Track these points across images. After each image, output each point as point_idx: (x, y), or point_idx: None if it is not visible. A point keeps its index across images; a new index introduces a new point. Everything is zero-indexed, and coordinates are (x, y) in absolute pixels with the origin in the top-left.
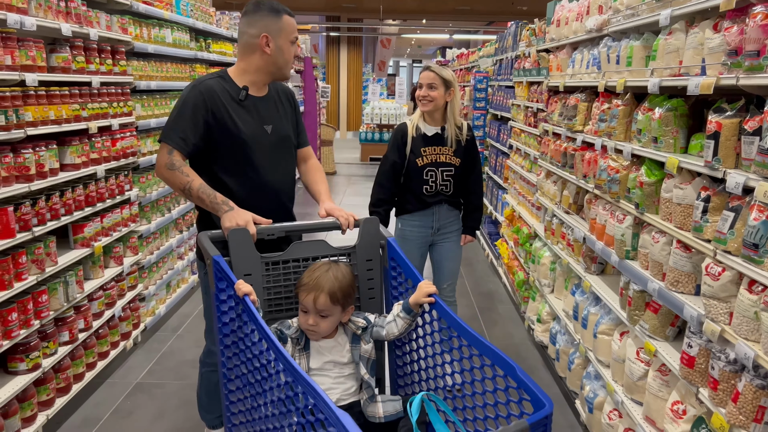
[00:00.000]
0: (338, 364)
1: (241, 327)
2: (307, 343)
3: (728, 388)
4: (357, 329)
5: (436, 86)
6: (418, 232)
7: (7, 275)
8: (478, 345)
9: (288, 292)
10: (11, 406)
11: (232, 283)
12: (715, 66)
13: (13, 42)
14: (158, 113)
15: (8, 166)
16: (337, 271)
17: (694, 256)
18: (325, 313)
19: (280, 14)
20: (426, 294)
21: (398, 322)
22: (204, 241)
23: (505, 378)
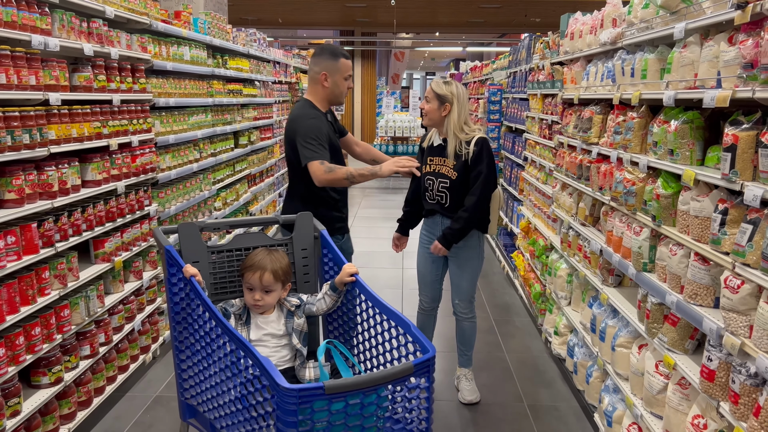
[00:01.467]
0: (275, 336)
1: (189, 304)
2: (248, 318)
3: (749, 402)
4: (291, 307)
5: (429, 100)
6: (427, 238)
7: (31, 290)
8: (384, 310)
9: (232, 277)
10: (34, 420)
11: (181, 268)
12: (731, 79)
13: (37, 62)
14: (177, 129)
15: (32, 183)
16: (275, 254)
17: (713, 269)
18: (270, 289)
19: (338, 57)
20: (348, 274)
21: (326, 299)
22: (157, 234)
23: (404, 335)
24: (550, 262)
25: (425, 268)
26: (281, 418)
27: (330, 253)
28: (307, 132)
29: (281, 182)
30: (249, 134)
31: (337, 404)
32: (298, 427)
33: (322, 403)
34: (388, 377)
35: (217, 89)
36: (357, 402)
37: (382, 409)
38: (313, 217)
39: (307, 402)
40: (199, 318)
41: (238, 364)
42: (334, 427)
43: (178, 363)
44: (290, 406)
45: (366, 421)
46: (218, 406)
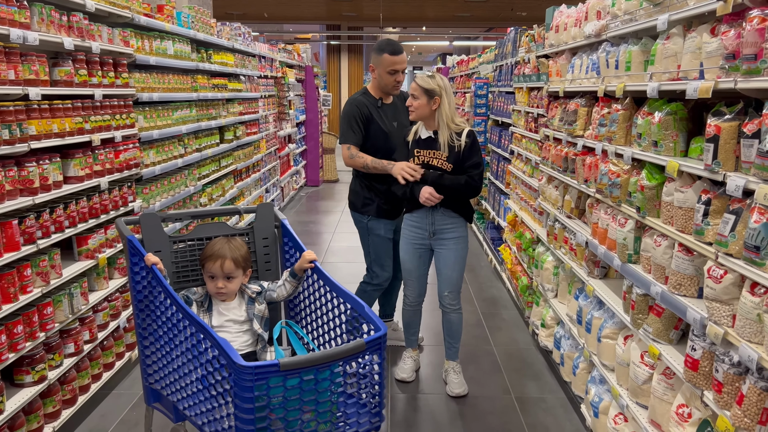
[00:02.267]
0: (236, 322)
1: (152, 292)
2: (210, 305)
3: (733, 391)
4: (252, 293)
5: (417, 96)
6: (413, 233)
7: (13, 288)
8: (340, 293)
9: (194, 266)
10: (18, 419)
11: (143, 257)
12: (713, 70)
13: (16, 57)
14: (160, 124)
15: (12, 179)
16: (234, 242)
17: (696, 259)
18: (231, 276)
19: (382, 52)
20: (307, 261)
21: (286, 286)
22: (119, 225)
23: (359, 316)
24: (537, 254)
25: (412, 263)
26: (238, 394)
27: (290, 241)
28: (342, 116)
29: (268, 177)
30: (234, 129)
31: (292, 380)
32: (255, 402)
33: (277, 380)
34: (340, 354)
35: (202, 84)
36: (311, 378)
37: (335, 385)
38: (274, 207)
39: (262, 379)
40: (161, 305)
41: (198, 346)
42: (290, 402)
43: (141, 349)
44: (246, 383)
45: (320, 396)
46: (181, 389)
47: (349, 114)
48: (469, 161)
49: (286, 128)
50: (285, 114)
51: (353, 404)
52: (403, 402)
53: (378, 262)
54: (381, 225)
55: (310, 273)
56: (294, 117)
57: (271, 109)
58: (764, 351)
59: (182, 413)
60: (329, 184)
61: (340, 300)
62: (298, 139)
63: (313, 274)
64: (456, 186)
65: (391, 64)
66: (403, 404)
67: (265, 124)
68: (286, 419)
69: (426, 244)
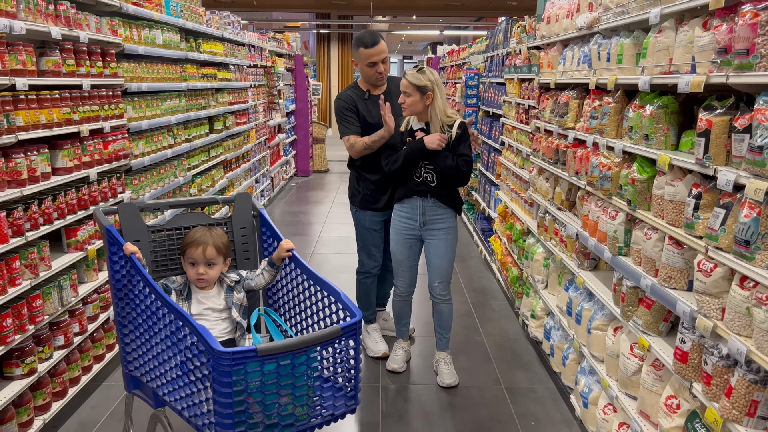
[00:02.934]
0: (215, 310)
1: (131, 281)
2: (189, 293)
3: (721, 383)
4: (231, 282)
5: (410, 93)
6: (404, 223)
7: (1, 281)
8: (317, 281)
9: (172, 255)
10: (7, 412)
11: (121, 246)
12: (705, 64)
13: (2, 47)
14: (150, 114)
15: (0, 171)
16: (215, 230)
17: (686, 253)
18: (213, 262)
19: (358, 47)
20: (285, 250)
21: (264, 275)
22: (97, 215)
23: (335, 303)
24: (527, 246)
25: (402, 253)
26: (217, 379)
27: (268, 230)
28: (335, 114)
29: (258, 167)
30: (224, 119)
31: (269, 365)
32: (233, 387)
33: (255, 365)
34: (316, 339)
35: (191, 73)
36: (288, 363)
37: (312, 369)
38: (252, 197)
39: (240, 364)
40: (140, 293)
41: (177, 333)
42: (267, 386)
43: (121, 338)
44: (225, 368)
45: (297, 380)
46: (160, 375)
47: (338, 109)
48: (457, 151)
49: (275, 118)
50: (275, 104)
51: (329, 388)
52: (394, 393)
53: (365, 251)
54: (366, 216)
55: (288, 262)
56: (284, 106)
57: (260, 99)
58: (753, 344)
59: (162, 399)
60: (319, 174)
61: (317, 288)
62: (287, 128)
63: (290, 262)
64: (447, 164)
65: (367, 57)
66: (393, 395)
67: (255, 113)
68: (264, 403)
69: (416, 234)
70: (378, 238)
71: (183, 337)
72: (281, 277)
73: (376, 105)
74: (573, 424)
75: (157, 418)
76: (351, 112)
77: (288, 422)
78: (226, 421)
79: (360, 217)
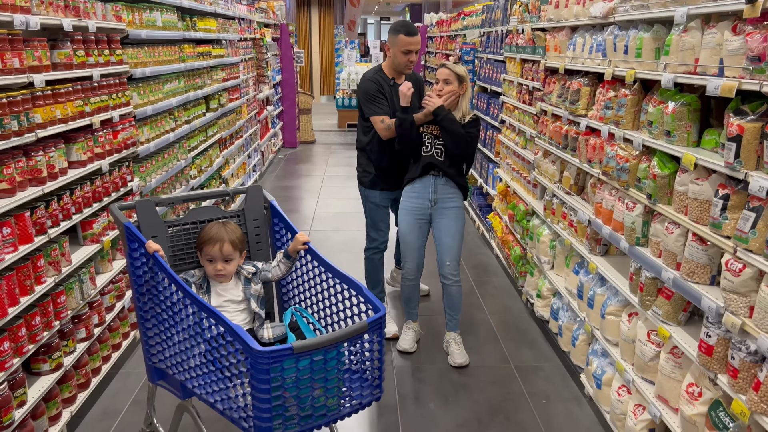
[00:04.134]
0: (234, 302)
1: (154, 277)
2: (208, 287)
3: (749, 377)
4: (248, 274)
5: (451, 81)
6: (414, 204)
7: (29, 280)
8: (337, 274)
9: (189, 248)
10: (39, 408)
11: (142, 244)
12: (734, 68)
13: (19, 44)
14: (153, 99)
15: (22, 170)
16: (229, 226)
17: (710, 249)
18: (230, 258)
19: (398, 33)
20: (301, 242)
21: (281, 267)
22: (115, 212)
23: (356, 296)
24: (532, 227)
25: (412, 234)
26: (255, 377)
27: (281, 222)
28: (362, 93)
29: (249, 143)
30: (219, 97)
31: (304, 361)
32: (271, 383)
33: (290, 362)
34: (346, 335)
35: (188, 53)
36: (320, 358)
37: (341, 363)
38: (263, 189)
39: (277, 362)
40: (165, 290)
41: (201, 324)
42: (302, 381)
43: (143, 331)
44: (263, 366)
45: (329, 374)
46: (189, 368)
47: (369, 89)
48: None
49: (264, 91)
50: (264, 76)
51: (357, 379)
52: (408, 374)
53: (374, 227)
54: (376, 194)
55: (304, 254)
56: (271, 78)
57: (250, 73)
58: None
59: (191, 391)
60: (306, 146)
61: (336, 281)
62: (275, 100)
63: (306, 254)
64: (457, 130)
65: (405, 44)
66: (407, 377)
67: (246, 88)
68: (299, 396)
69: (426, 214)
70: (386, 215)
71: (208, 327)
72: (297, 268)
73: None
74: (583, 402)
75: (184, 408)
76: (381, 94)
77: (321, 413)
78: (264, 415)
79: (370, 195)
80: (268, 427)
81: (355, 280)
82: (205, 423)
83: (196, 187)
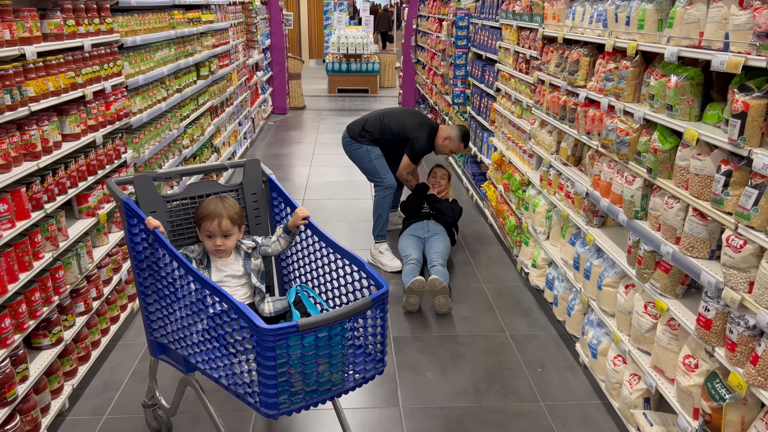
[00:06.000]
0: (234, 277)
1: (154, 253)
2: (208, 262)
3: (746, 351)
4: (248, 249)
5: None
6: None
7: (27, 256)
8: (338, 250)
9: (188, 223)
10: (41, 382)
11: (142, 220)
12: (740, 44)
13: (9, 15)
14: (144, 69)
15: (16, 145)
16: (227, 201)
17: (710, 224)
18: (229, 233)
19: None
20: (301, 218)
21: (281, 241)
22: (112, 187)
23: (357, 272)
24: (528, 197)
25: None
26: (261, 354)
27: (279, 196)
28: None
29: (240, 110)
30: (209, 64)
31: (309, 338)
32: (276, 360)
33: (296, 338)
34: (350, 312)
35: (178, 20)
36: (325, 335)
37: (345, 339)
38: (261, 163)
39: (283, 339)
40: (166, 266)
41: (204, 301)
42: (306, 357)
43: (144, 306)
44: (269, 343)
45: (333, 350)
46: (192, 344)
47: (422, 152)
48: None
49: (253, 56)
50: (253, 42)
51: (360, 354)
52: (406, 344)
53: (383, 172)
54: (377, 149)
55: (304, 228)
56: (260, 43)
57: (239, 38)
58: None
59: (194, 366)
60: (297, 111)
61: (337, 256)
62: (264, 65)
63: (306, 229)
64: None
65: (456, 149)
66: (405, 346)
67: (236, 54)
68: (304, 372)
69: (422, 237)
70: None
71: (211, 304)
72: (297, 242)
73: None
74: (577, 370)
75: (187, 382)
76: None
77: (326, 387)
78: (270, 391)
79: (372, 149)
80: (274, 402)
81: (356, 256)
82: (206, 394)
83: (188, 156)
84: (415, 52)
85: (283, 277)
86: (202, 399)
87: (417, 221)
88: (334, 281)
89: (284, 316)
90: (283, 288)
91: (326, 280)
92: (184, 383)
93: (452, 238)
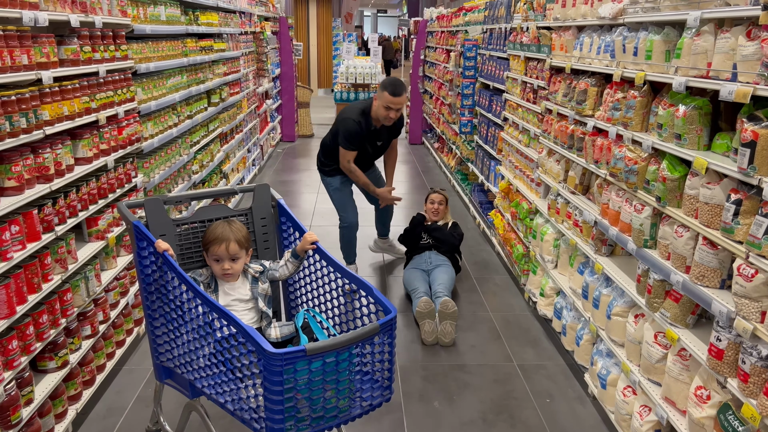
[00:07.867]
0: (242, 301)
1: (162, 276)
2: (216, 286)
3: (760, 382)
4: (255, 273)
5: (443, 203)
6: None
7: (36, 278)
8: (346, 275)
9: (196, 247)
10: (45, 406)
11: (151, 242)
12: (748, 74)
13: (28, 40)
14: (157, 95)
15: (30, 168)
16: (234, 224)
17: (721, 253)
18: (236, 257)
19: (385, 89)
20: (309, 242)
21: (288, 266)
22: (123, 210)
23: (366, 297)
24: (535, 225)
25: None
26: (268, 378)
27: (288, 220)
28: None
29: (249, 137)
30: (220, 91)
31: (316, 363)
32: (284, 385)
33: (303, 363)
34: (358, 337)
35: (191, 48)
36: (332, 360)
37: (353, 365)
38: (270, 188)
39: (290, 363)
40: (174, 289)
41: (212, 324)
42: (314, 383)
43: (151, 330)
44: (276, 368)
45: (340, 375)
46: (198, 368)
47: (351, 131)
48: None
49: (263, 84)
50: (264, 70)
51: (368, 380)
52: (412, 373)
53: (341, 208)
54: (337, 179)
55: (312, 253)
56: (271, 72)
57: (250, 66)
58: None
59: (200, 391)
60: (305, 139)
61: (345, 281)
62: (274, 94)
63: (314, 254)
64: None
65: (387, 101)
66: (412, 375)
67: (246, 82)
68: (311, 398)
69: (426, 270)
70: (350, 195)
71: (219, 328)
72: (305, 267)
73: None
74: (586, 401)
75: (192, 407)
76: (360, 137)
77: (332, 414)
78: (276, 417)
79: (332, 182)
80: (280, 428)
81: (364, 281)
82: (210, 419)
83: (198, 182)
84: (422, 82)
85: (291, 302)
86: (207, 424)
87: (419, 253)
88: (342, 306)
89: (291, 340)
90: (290, 313)
91: (334, 306)
92: (189, 408)
93: (456, 266)
